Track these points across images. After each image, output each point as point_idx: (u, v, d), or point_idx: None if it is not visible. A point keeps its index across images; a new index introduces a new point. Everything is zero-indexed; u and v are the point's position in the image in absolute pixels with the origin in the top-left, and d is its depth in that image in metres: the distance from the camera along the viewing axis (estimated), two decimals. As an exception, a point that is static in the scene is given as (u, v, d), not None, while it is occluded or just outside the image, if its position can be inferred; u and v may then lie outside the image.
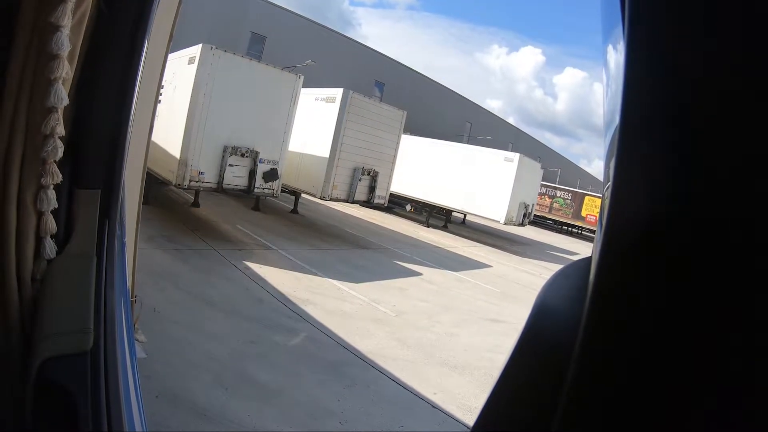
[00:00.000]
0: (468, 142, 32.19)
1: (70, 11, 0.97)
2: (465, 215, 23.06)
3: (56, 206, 1.09)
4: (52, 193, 1.06)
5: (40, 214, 1.06)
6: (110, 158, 1.22)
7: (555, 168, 43.75)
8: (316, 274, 9.01)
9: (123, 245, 1.35)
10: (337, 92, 13.40)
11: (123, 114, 1.21)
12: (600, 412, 0.43)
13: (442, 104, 41.41)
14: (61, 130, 1.04)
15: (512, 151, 21.46)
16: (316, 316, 6.87)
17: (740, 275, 0.36)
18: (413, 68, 41.26)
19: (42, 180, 1.05)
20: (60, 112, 1.03)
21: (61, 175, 1.08)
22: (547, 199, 33.44)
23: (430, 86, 42.01)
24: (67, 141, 1.10)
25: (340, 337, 6.28)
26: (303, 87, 11.96)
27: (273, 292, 7.42)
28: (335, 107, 13.30)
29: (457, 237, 19.62)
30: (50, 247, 1.09)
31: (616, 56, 0.51)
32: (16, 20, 0.98)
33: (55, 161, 1.05)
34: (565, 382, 0.44)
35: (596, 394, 0.43)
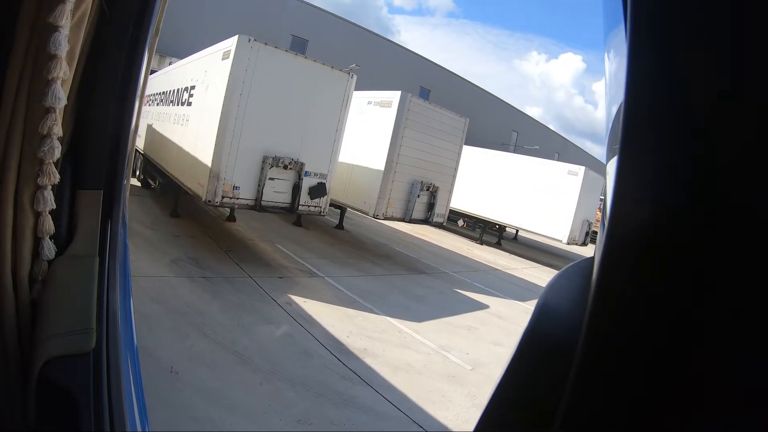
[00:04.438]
0: (514, 152, 30.37)
1: (69, 11, 0.97)
2: (517, 230, 21.29)
3: (54, 207, 1.08)
4: (49, 194, 1.06)
5: (37, 215, 1.05)
6: (112, 159, 1.23)
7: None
8: (371, 311, 7.49)
9: (125, 245, 1.32)
10: (394, 95, 11.59)
11: (124, 114, 1.21)
12: (601, 413, 0.42)
13: (488, 112, 39.18)
14: (58, 130, 1.03)
15: (558, 160, 19.69)
16: (378, 371, 5.40)
17: (741, 274, 0.36)
18: (458, 74, 39.48)
19: (39, 180, 1.03)
20: (58, 112, 1.02)
21: (58, 176, 1.06)
22: (597, 212, 31.11)
23: (475, 93, 39.96)
24: (69, 142, 1.15)
25: (411, 407, 4.83)
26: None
27: (322, 339, 5.93)
28: (392, 112, 11.45)
29: (513, 256, 17.93)
30: (49, 248, 1.08)
31: (617, 57, 0.50)
32: (17, 20, 0.97)
33: (52, 161, 1.04)
34: (567, 383, 0.43)
35: (598, 394, 0.43)
